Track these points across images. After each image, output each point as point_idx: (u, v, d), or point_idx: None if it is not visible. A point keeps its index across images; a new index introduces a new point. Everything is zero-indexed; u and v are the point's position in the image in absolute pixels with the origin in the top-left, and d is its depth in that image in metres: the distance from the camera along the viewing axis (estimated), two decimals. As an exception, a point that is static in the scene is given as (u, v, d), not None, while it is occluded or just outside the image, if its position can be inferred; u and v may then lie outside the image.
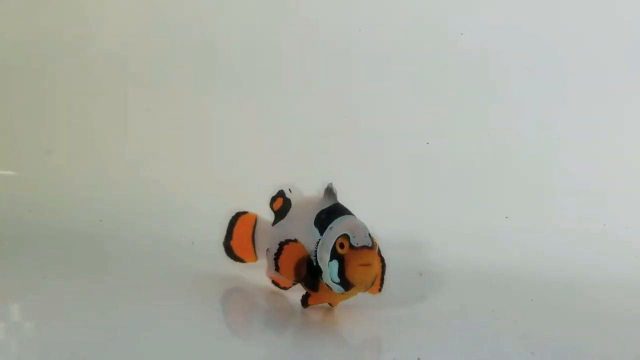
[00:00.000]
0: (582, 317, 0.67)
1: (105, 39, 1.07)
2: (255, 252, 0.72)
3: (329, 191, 0.63)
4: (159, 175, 1.01)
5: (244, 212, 0.73)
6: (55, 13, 1.10)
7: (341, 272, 0.57)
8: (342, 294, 0.60)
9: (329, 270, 0.58)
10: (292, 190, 0.68)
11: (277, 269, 0.62)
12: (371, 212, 0.63)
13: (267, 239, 0.68)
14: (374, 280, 0.59)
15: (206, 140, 1.04)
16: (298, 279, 0.62)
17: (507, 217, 0.85)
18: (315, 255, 0.60)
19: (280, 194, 0.69)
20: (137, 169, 1.03)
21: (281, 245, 0.62)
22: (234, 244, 0.73)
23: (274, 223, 0.69)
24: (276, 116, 1.01)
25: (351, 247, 0.57)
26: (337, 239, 0.58)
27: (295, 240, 0.62)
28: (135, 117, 1.07)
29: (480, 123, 0.92)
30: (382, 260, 0.62)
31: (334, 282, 0.58)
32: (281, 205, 0.68)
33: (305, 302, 0.63)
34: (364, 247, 0.57)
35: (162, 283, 0.74)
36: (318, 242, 0.60)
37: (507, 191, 0.88)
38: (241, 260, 0.73)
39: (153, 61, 1.06)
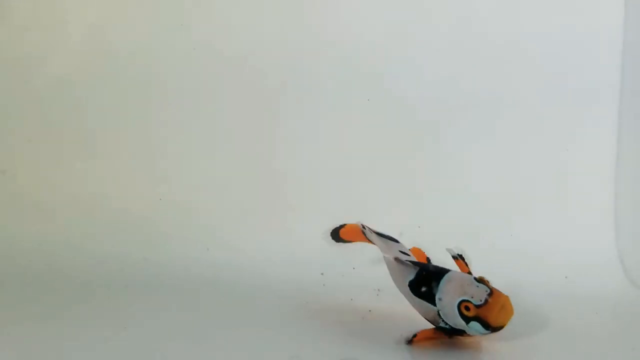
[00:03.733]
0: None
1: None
2: None
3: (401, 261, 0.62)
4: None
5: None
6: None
7: (486, 325, 0.56)
8: None
9: (473, 329, 0.57)
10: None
11: None
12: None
13: None
14: None
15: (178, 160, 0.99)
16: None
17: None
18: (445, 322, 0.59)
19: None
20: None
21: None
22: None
23: None
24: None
25: (477, 307, 0.56)
26: (457, 307, 0.57)
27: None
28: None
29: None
30: None
31: (484, 334, 0.57)
32: None
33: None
34: (486, 298, 0.56)
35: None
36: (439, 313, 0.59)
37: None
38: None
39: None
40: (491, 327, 0.56)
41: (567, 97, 0.86)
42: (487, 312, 0.56)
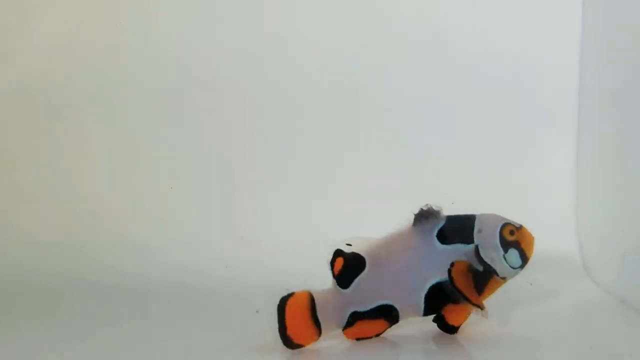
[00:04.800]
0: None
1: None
2: (319, 329, 0.63)
3: (429, 213, 0.60)
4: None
5: (291, 294, 0.63)
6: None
7: (522, 254, 0.60)
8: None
9: (508, 261, 0.60)
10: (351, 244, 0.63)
11: (458, 292, 0.59)
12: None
13: (342, 304, 0.62)
14: None
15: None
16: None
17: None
18: (480, 261, 0.60)
19: (338, 253, 0.63)
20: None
21: (449, 271, 0.59)
22: (291, 332, 0.62)
23: (342, 284, 0.62)
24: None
25: (518, 229, 0.60)
26: (499, 231, 0.60)
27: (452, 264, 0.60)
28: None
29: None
30: None
31: (515, 268, 0.60)
32: (342, 265, 0.62)
33: (452, 328, 0.62)
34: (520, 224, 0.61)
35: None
36: (476, 250, 0.60)
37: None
38: (302, 346, 0.63)
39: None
40: (526, 258, 0.60)
41: (528, 104, 0.90)
42: (523, 237, 0.60)
